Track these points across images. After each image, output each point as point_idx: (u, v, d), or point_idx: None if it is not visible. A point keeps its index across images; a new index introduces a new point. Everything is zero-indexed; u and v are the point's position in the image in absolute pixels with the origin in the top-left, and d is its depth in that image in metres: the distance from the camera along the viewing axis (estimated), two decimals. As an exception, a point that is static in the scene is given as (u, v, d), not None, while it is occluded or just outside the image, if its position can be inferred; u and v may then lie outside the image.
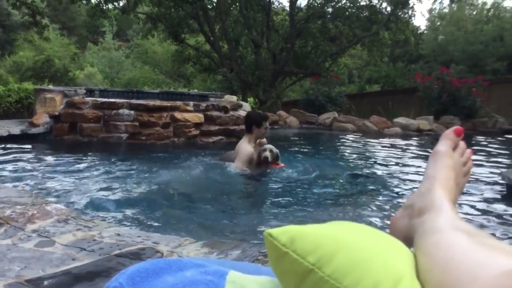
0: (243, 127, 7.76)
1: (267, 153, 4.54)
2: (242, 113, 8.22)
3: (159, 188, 3.92)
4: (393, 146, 7.87)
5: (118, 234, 2.19)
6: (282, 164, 4.80)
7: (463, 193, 3.85)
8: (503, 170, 4.84)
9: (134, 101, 7.02)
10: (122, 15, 16.55)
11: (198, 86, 22.86)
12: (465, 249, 0.59)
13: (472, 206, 3.47)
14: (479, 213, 3.30)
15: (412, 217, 0.83)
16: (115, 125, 6.65)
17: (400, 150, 7.30)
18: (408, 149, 7.51)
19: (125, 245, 2.02)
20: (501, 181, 4.20)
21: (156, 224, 2.89)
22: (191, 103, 7.35)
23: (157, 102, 7.14)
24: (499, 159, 6.39)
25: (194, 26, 16.42)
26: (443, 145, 0.92)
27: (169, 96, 8.66)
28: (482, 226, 2.92)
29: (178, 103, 7.20)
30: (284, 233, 0.60)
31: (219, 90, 15.68)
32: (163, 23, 15.97)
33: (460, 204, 3.47)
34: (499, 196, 3.89)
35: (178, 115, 6.98)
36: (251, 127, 4.88)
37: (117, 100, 6.97)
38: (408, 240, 0.78)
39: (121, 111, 6.70)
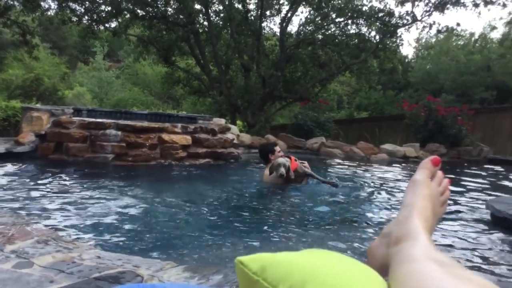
0: (230, 150, 7.85)
1: (282, 170, 4.65)
2: (230, 136, 8.23)
3: (144, 210, 3.88)
4: (378, 172, 7.91)
5: (99, 257, 2.15)
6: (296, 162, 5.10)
7: (448, 222, 3.86)
8: (487, 199, 4.88)
9: (121, 122, 6.98)
10: (113, 37, 16.60)
11: (188, 108, 22.92)
12: (438, 279, 0.59)
13: (456, 236, 3.48)
14: (463, 242, 3.30)
15: (389, 245, 0.83)
16: (101, 145, 6.60)
17: (384, 177, 7.33)
18: (392, 176, 7.54)
19: (105, 268, 1.98)
20: (485, 211, 4.23)
21: (139, 246, 2.85)
22: (179, 125, 7.34)
23: (145, 123, 7.11)
24: (484, 188, 6.45)
25: (184, 49, 16.54)
26: (421, 175, 0.93)
27: (158, 118, 8.64)
28: (465, 256, 2.93)
29: (166, 124, 7.19)
30: (255, 260, 0.60)
31: (208, 112, 15.75)
32: (154, 46, 16.07)
33: (443, 233, 3.48)
34: (483, 226, 3.90)
35: (165, 136, 6.96)
36: (267, 157, 5.50)
37: (105, 120, 6.93)
38: (385, 268, 0.78)
39: (108, 131, 6.66)
